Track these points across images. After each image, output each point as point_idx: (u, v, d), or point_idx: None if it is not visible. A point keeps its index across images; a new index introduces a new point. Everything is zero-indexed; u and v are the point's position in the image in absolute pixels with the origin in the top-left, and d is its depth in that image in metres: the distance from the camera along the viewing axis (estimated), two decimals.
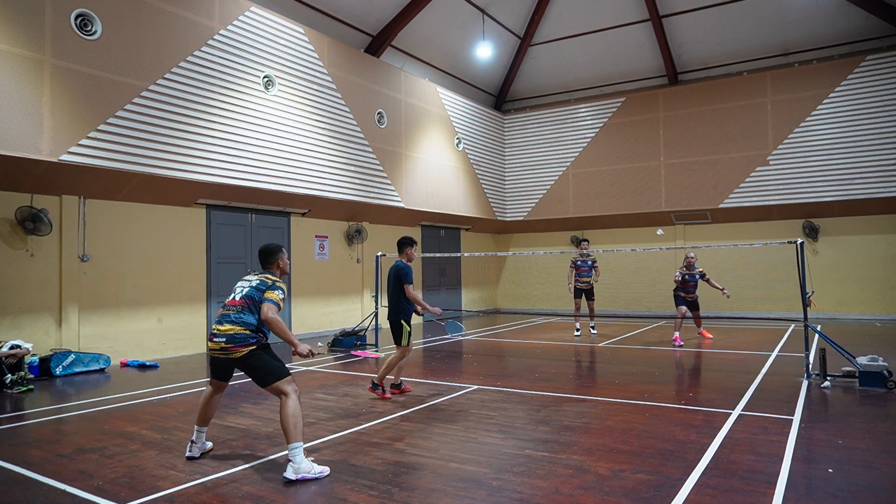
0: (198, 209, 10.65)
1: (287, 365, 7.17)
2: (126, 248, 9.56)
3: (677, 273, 11.22)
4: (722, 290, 11.24)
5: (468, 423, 5.49)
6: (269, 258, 4.72)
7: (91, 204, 9.12)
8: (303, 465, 4.06)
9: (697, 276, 11.26)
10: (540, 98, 18.86)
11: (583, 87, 18.01)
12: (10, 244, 8.28)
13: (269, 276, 4.58)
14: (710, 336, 11.60)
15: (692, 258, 11.26)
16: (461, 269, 18.14)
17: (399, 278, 6.61)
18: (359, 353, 7.01)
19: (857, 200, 14.05)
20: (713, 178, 15.63)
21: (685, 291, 11.21)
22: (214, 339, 4.35)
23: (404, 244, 6.86)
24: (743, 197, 15.28)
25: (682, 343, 10.56)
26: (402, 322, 6.59)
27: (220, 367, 4.54)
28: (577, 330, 12.48)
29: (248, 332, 4.32)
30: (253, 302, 4.40)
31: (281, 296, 4.44)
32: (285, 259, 4.78)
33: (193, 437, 4.60)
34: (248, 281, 4.57)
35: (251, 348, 4.31)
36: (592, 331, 12.81)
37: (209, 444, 4.77)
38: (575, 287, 12.42)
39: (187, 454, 4.57)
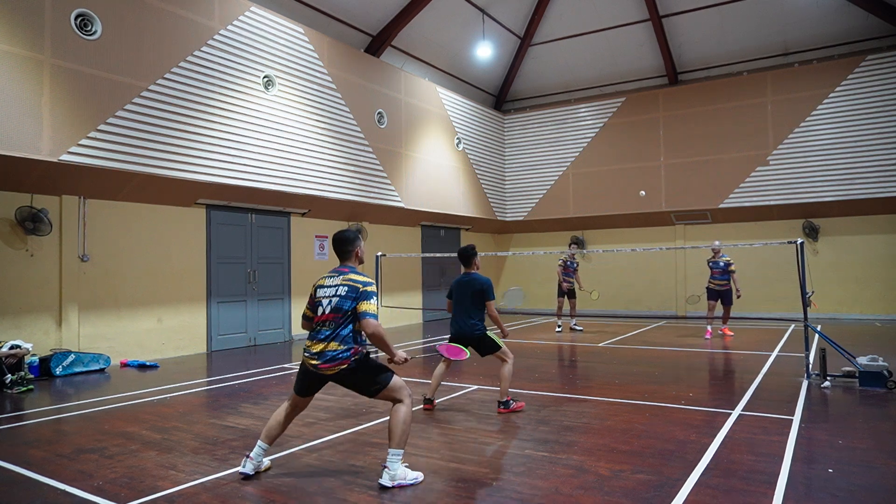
0: (198, 209, 10.65)
1: (288, 364, 7.14)
2: (126, 248, 9.56)
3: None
4: (737, 290, 11.66)
5: (468, 423, 5.49)
6: (347, 246, 4.30)
7: (91, 204, 9.12)
8: (398, 471, 3.90)
9: (722, 265, 11.67)
10: (540, 98, 18.85)
11: (583, 87, 18.01)
12: (10, 244, 8.28)
13: (356, 278, 4.10)
14: (731, 334, 11.75)
15: (717, 247, 11.63)
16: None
17: (481, 294, 5.97)
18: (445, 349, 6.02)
19: (857, 200, 14.05)
20: (713, 178, 15.63)
21: (712, 280, 11.80)
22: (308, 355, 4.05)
23: (474, 254, 6.24)
24: (743, 197, 15.27)
25: (709, 337, 11.42)
26: (489, 334, 6.00)
27: (311, 381, 4.16)
28: (559, 327, 13.22)
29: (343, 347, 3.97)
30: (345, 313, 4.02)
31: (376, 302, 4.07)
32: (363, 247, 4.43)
33: (251, 454, 4.16)
34: (332, 288, 4.10)
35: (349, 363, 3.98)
36: (577, 328, 13.39)
37: (266, 462, 4.31)
38: (560, 286, 13.23)
39: (241, 469, 4.13)
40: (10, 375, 7.39)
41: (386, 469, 3.91)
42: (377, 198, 13.43)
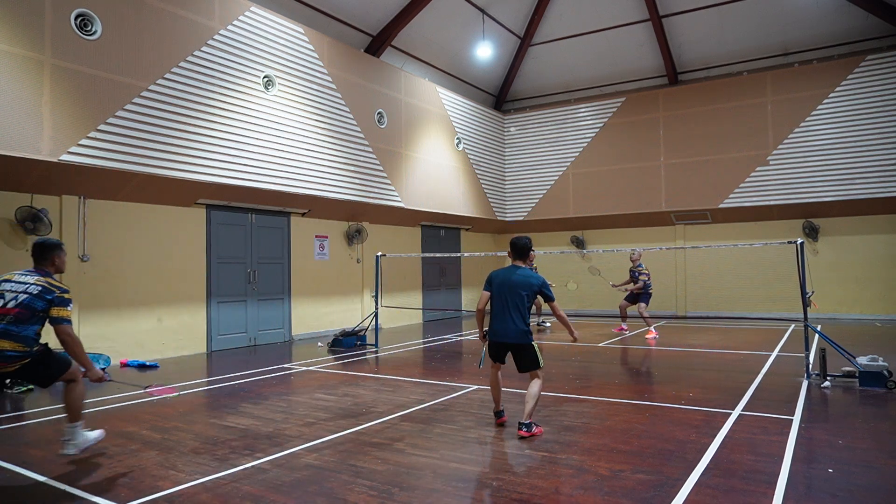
0: (198, 209, 10.65)
1: (288, 364, 7.19)
2: (126, 248, 9.56)
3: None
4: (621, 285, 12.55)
5: (468, 423, 5.49)
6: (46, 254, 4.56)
7: (91, 204, 9.12)
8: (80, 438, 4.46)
9: (636, 274, 12.29)
10: (540, 98, 18.85)
11: (583, 87, 18.01)
12: (10, 244, 8.28)
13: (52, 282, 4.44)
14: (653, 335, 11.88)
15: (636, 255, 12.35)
16: (461, 269, 18.15)
17: (538, 293, 5.20)
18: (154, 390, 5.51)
19: (857, 200, 14.05)
20: (713, 178, 15.63)
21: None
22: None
23: (528, 248, 5.44)
24: (743, 197, 15.27)
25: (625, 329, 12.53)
26: (534, 343, 5.18)
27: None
28: (545, 323, 13.98)
29: None
30: None
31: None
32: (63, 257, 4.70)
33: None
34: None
35: None
36: (545, 324, 14.07)
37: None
38: None
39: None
40: None
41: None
42: (377, 198, 13.43)
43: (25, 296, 4.24)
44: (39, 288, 4.29)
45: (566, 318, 5.32)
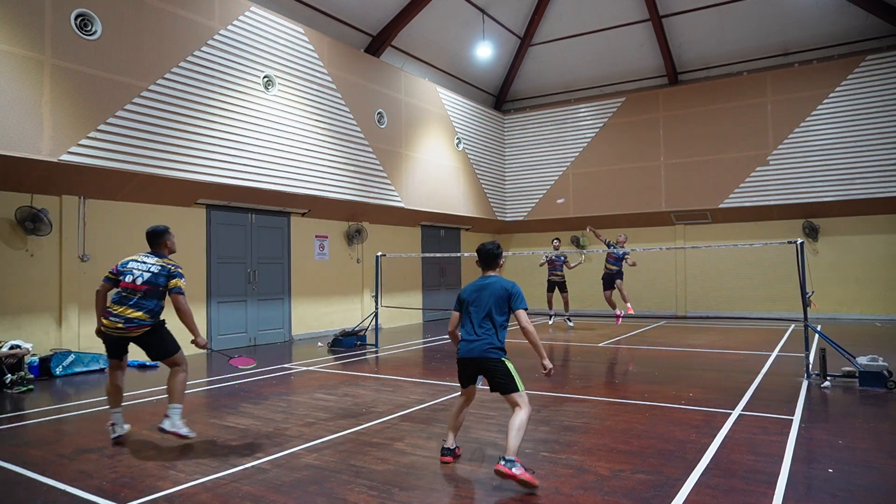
0: (198, 209, 10.65)
1: (288, 364, 7.16)
2: (126, 248, 9.50)
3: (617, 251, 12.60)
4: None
5: (468, 424, 5.48)
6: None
7: (91, 204, 9.12)
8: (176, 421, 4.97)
9: (620, 254, 12.63)
10: (540, 98, 18.85)
11: (583, 87, 18.01)
12: (10, 244, 8.28)
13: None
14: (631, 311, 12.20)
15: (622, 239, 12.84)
16: (461, 269, 18.14)
17: (507, 300, 4.36)
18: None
19: (857, 200, 14.05)
20: (713, 178, 15.63)
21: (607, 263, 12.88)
22: None
23: (499, 253, 4.63)
24: (743, 197, 15.28)
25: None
26: (508, 363, 4.29)
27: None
28: (550, 322, 14.08)
29: None
30: None
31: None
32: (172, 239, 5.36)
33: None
34: None
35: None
36: (569, 323, 13.79)
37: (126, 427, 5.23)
38: (549, 280, 13.98)
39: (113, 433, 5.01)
40: (10, 375, 7.39)
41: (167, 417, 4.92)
42: (377, 198, 13.43)
43: (149, 274, 5.06)
44: (158, 268, 5.09)
45: (534, 333, 4.25)
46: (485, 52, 15.51)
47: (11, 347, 7.60)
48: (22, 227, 8.27)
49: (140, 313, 4.96)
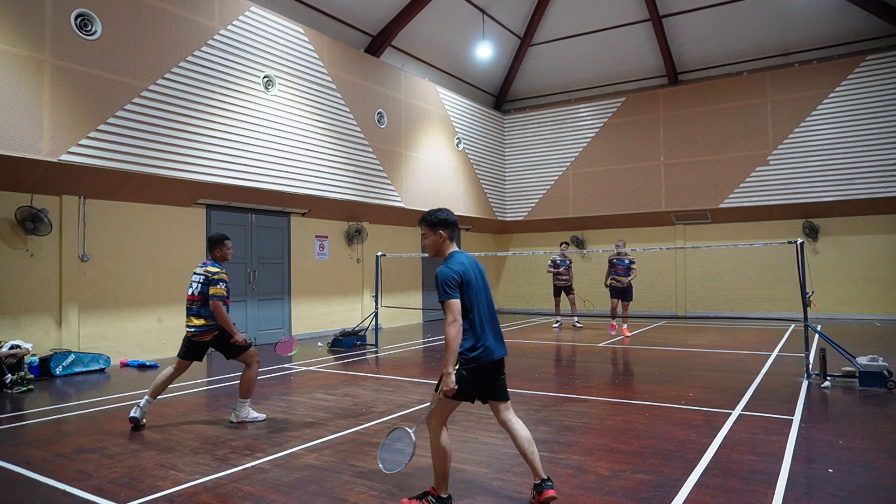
0: (198, 209, 10.65)
1: (288, 364, 7.13)
2: (126, 248, 9.56)
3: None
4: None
5: (468, 423, 5.49)
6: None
7: (91, 204, 9.12)
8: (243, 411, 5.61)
9: (627, 262, 12.12)
10: (540, 98, 18.85)
11: (583, 87, 18.01)
12: (10, 244, 8.28)
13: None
14: (629, 335, 12.04)
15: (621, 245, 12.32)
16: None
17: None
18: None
19: (857, 200, 14.05)
20: (713, 178, 15.63)
21: (615, 276, 12.16)
22: None
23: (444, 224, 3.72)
24: (743, 197, 15.27)
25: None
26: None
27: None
28: (556, 324, 14.04)
29: None
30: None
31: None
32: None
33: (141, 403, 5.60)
34: None
35: None
36: (577, 324, 13.81)
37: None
38: (554, 285, 13.98)
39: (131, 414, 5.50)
40: (10, 375, 7.39)
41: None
42: (377, 198, 13.43)
43: (197, 285, 5.54)
44: (203, 277, 5.53)
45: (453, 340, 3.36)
46: (485, 52, 15.51)
47: (11, 347, 7.60)
48: (22, 227, 8.27)
49: (201, 321, 5.53)
